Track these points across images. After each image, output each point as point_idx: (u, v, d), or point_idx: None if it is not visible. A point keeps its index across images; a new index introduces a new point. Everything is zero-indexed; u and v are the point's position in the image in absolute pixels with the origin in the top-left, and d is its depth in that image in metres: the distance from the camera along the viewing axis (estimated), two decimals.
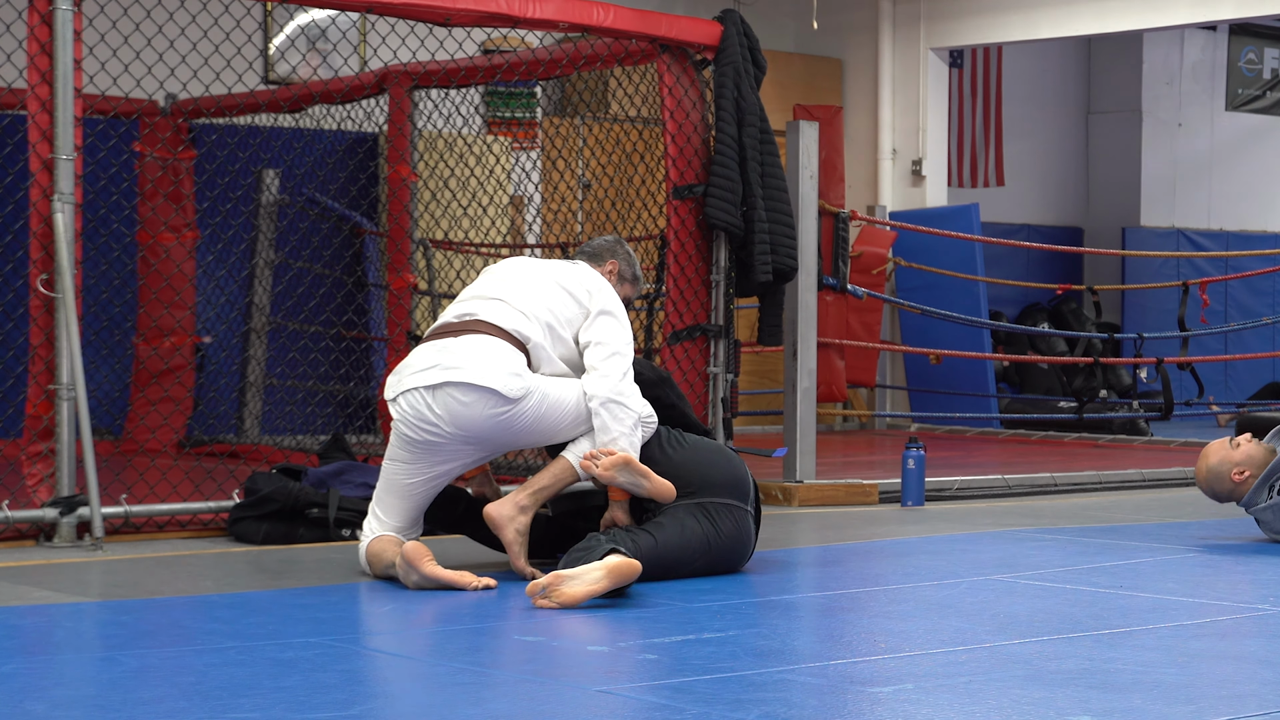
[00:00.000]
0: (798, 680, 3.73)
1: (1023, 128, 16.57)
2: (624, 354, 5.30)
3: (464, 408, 5.08)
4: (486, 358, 5.12)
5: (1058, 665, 3.90)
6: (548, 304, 5.32)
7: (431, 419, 5.11)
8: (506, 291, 5.34)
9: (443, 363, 5.13)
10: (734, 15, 7.52)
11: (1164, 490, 8.86)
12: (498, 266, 5.55)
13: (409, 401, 5.14)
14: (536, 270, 5.47)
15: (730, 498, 5.33)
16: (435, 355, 5.17)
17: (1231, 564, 5.91)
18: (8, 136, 8.09)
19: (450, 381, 5.08)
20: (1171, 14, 13.20)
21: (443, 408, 5.09)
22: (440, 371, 5.11)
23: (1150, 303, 16.46)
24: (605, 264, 5.65)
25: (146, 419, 9.29)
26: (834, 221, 11.19)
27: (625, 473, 5.13)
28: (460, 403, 5.08)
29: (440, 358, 5.15)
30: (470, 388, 5.08)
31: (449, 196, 10.01)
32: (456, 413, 5.09)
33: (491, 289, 5.37)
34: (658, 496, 5.20)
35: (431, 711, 3.39)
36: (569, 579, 4.68)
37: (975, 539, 6.56)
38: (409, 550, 5.00)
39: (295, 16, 11.62)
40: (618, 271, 5.67)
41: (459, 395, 5.08)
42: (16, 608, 4.64)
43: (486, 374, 5.08)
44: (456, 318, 5.29)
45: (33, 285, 6.01)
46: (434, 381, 5.10)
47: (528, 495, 5.23)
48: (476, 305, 5.31)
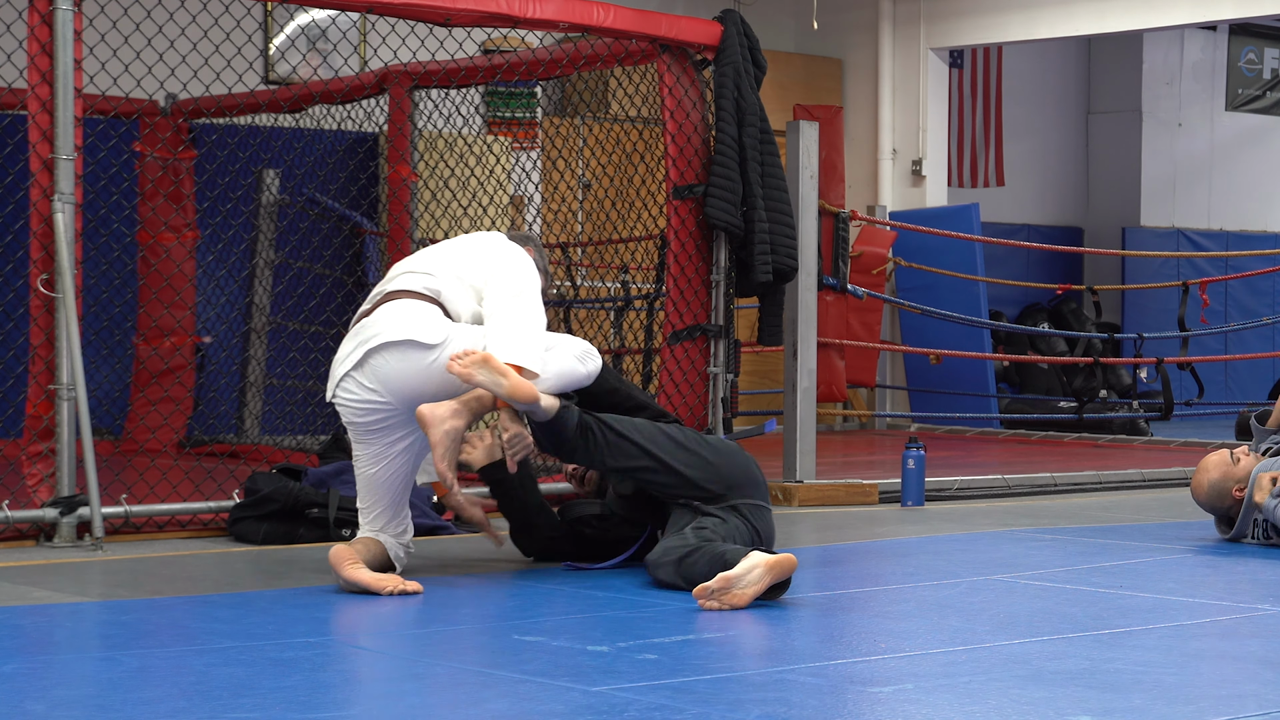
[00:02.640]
0: (798, 680, 3.73)
1: (1023, 128, 16.57)
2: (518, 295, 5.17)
3: (393, 369, 5.06)
4: (400, 316, 5.11)
5: (1058, 665, 3.91)
6: (454, 261, 5.29)
7: (369, 395, 5.10)
8: (411, 264, 5.36)
9: (361, 339, 5.13)
10: (734, 15, 7.52)
11: (1164, 490, 8.86)
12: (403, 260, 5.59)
13: (345, 390, 5.14)
14: (442, 243, 5.50)
15: (757, 497, 5.33)
16: (353, 339, 5.17)
17: (1231, 564, 5.91)
18: (8, 136, 8.09)
19: (370, 349, 5.08)
20: (1171, 14, 13.21)
21: (373, 379, 5.08)
22: (360, 348, 5.11)
23: (1150, 303, 16.46)
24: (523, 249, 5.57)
25: (146, 419, 9.29)
26: (834, 221, 11.20)
27: (484, 370, 4.98)
28: (388, 365, 5.06)
29: (358, 337, 5.15)
30: (391, 346, 5.06)
31: (449, 196, 10.01)
32: (387, 377, 5.07)
33: (395, 269, 5.40)
34: (517, 396, 4.99)
35: (431, 711, 3.39)
36: (738, 580, 4.61)
37: (975, 539, 6.56)
38: (332, 554, 4.99)
39: (295, 16, 11.62)
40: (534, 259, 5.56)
41: (384, 359, 5.06)
42: (16, 608, 4.64)
43: (402, 329, 5.06)
44: (369, 304, 5.29)
45: (33, 285, 6.01)
46: (358, 359, 5.10)
47: (463, 402, 5.03)
48: (383, 286, 5.32)
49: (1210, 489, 6.41)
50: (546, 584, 5.15)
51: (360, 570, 4.94)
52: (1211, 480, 6.40)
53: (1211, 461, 6.43)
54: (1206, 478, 6.41)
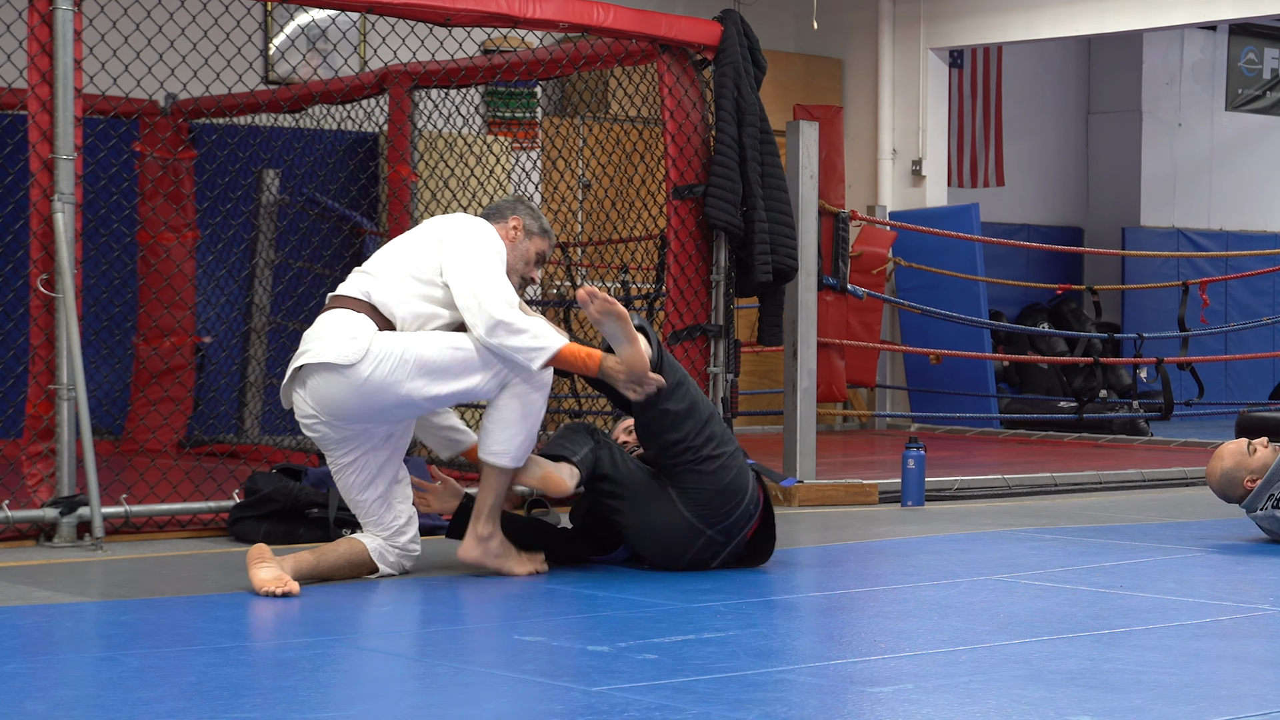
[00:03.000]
0: (798, 680, 3.73)
1: (1023, 128, 16.57)
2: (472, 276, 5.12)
3: (323, 390, 5.04)
4: (325, 332, 5.08)
5: (1058, 665, 3.91)
6: (401, 257, 5.22)
7: (310, 412, 5.09)
8: (366, 264, 5.31)
9: (299, 350, 5.12)
10: (734, 15, 7.52)
11: (1164, 490, 8.86)
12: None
13: (295, 404, 5.14)
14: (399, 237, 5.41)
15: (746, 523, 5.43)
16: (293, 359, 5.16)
17: (1231, 564, 5.91)
18: (8, 136, 8.09)
19: (295, 369, 5.08)
20: (1171, 14, 13.21)
21: (311, 396, 5.07)
22: (292, 364, 5.11)
23: (1150, 303, 16.46)
24: (508, 221, 5.46)
25: (146, 419, 9.29)
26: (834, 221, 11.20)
27: (614, 324, 5.03)
28: (318, 387, 5.05)
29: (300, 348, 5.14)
30: (313, 369, 5.05)
31: (449, 196, 10.01)
32: (320, 396, 5.05)
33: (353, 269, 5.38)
34: (634, 364, 5.10)
35: (431, 711, 3.39)
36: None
37: (975, 539, 6.56)
38: (249, 552, 4.98)
39: (295, 16, 11.62)
40: (522, 226, 5.46)
41: (315, 380, 5.05)
42: (16, 608, 4.64)
43: (321, 349, 5.04)
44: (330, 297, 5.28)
45: (33, 285, 6.01)
46: (289, 378, 5.11)
47: (483, 522, 5.19)
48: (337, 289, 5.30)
49: (1223, 477, 6.45)
50: (546, 584, 5.15)
51: (256, 568, 4.90)
52: (1225, 469, 6.43)
53: (1228, 450, 6.46)
54: (1220, 465, 6.45)
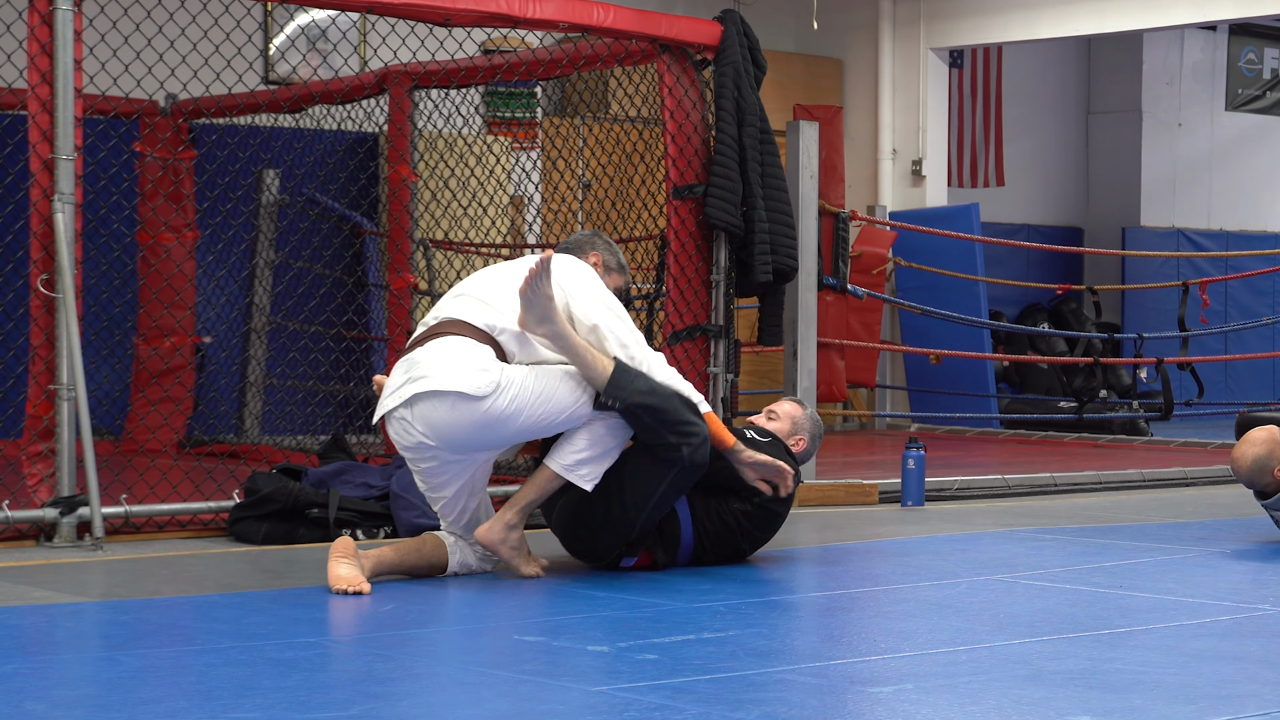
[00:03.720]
0: (798, 680, 3.73)
1: (1023, 128, 16.57)
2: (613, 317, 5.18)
3: (441, 418, 4.99)
4: (450, 360, 5.02)
5: (1058, 665, 3.91)
6: (514, 296, 5.14)
7: (419, 438, 5.04)
8: (474, 287, 5.25)
9: (411, 375, 5.05)
10: (734, 15, 7.52)
11: (1164, 490, 8.86)
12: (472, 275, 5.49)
13: (393, 428, 5.10)
14: (508, 265, 5.37)
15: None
16: (404, 371, 5.10)
17: (1231, 564, 5.91)
18: (8, 136, 8.09)
19: (419, 394, 5.00)
20: (1171, 14, 13.21)
21: (423, 423, 5.01)
22: (409, 386, 5.03)
23: (1150, 303, 16.46)
24: (588, 256, 5.53)
25: (146, 419, 9.29)
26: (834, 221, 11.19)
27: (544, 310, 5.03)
28: (436, 413, 4.99)
29: (409, 372, 5.07)
30: (438, 395, 4.98)
31: (449, 196, 10.01)
32: (436, 424, 5.00)
33: (459, 289, 5.31)
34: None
35: (431, 711, 3.39)
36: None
37: (975, 539, 6.56)
38: (334, 545, 4.98)
39: (295, 16, 11.62)
40: (601, 263, 5.54)
41: (432, 407, 4.99)
42: (16, 608, 4.64)
43: (450, 377, 4.98)
44: (426, 326, 5.21)
45: (33, 285, 6.01)
46: (405, 398, 5.03)
47: (515, 513, 5.18)
48: (444, 307, 5.23)
49: (1254, 463, 6.18)
50: (546, 584, 5.15)
51: (336, 563, 4.91)
52: (1256, 455, 6.17)
53: (1259, 436, 6.20)
54: (1252, 450, 6.18)
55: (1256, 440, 6.20)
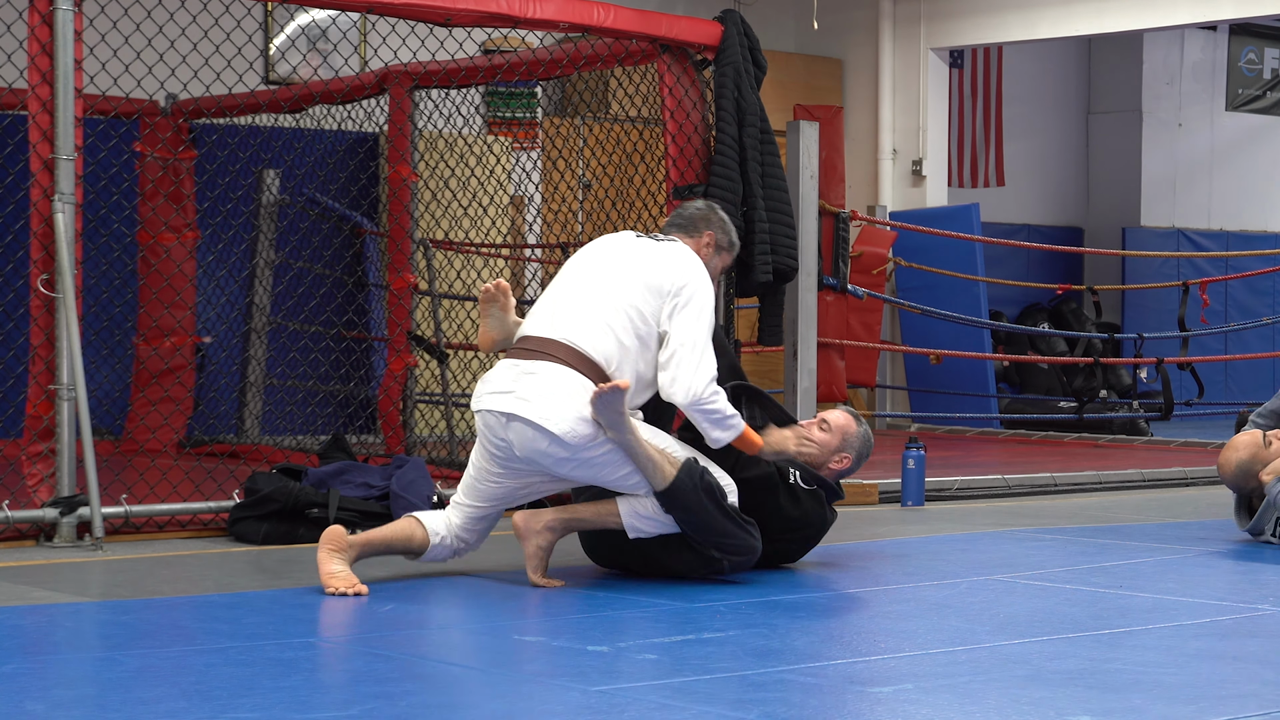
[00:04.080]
0: (798, 680, 3.73)
1: (1023, 128, 16.57)
2: (693, 346, 5.07)
3: (531, 442, 5.00)
4: (560, 397, 4.98)
5: (1058, 665, 3.91)
6: (632, 308, 5.10)
7: (503, 444, 5.05)
8: (591, 295, 5.15)
9: (518, 391, 5.02)
10: (734, 15, 7.52)
11: (1164, 490, 8.86)
12: (588, 255, 5.33)
13: (485, 421, 5.09)
14: (624, 266, 5.20)
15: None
16: (513, 379, 5.06)
17: (1231, 564, 5.91)
18: (8, 136, 8.09)
19: (519, 416, 4.99)
20: (1171, 14, 13.21)
21: (515, 435, 5.01)
22: (514, 400, 5.01)
23: (1150, 303, 16.46)
24: (701, 235, 5.44)
25: (146, 419, 9.29)
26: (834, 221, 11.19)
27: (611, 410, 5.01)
28: (529, 437, 4.99)
29: (517, 384, 5.04)
30: (538, 427, 4.97)
31: (449, 196, 10.01)
32: (524, 445, 5.01)
33: (577, 289, 5.19)
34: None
35: (431, 711, 3.39)
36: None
37: (975, 539, 6.56)
38: (325, 533, 4.98)
39: (295, 16, 11.62)
40: (714, 242, 5.46)
41: (527, 430, 4.99)
42: (16, 608, 4.64)
43: (555, 418, 4.96)
44: (539, 333, 5.12)
45: (33, 285, 6.01)
46: (507, 410, 5.01)
47: (560, 519, 5.16)
48: (560, 314, 5.14)
49: (1237, 468, 6.28)
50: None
51: (328, 560, 4.91)
52: (1240, 460, 6.27)
53: (1242, 441, 6.30)
54: (1235, 456, 6.28)
55: (1239, 445, 6.30)
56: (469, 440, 9.16)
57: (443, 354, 8.85)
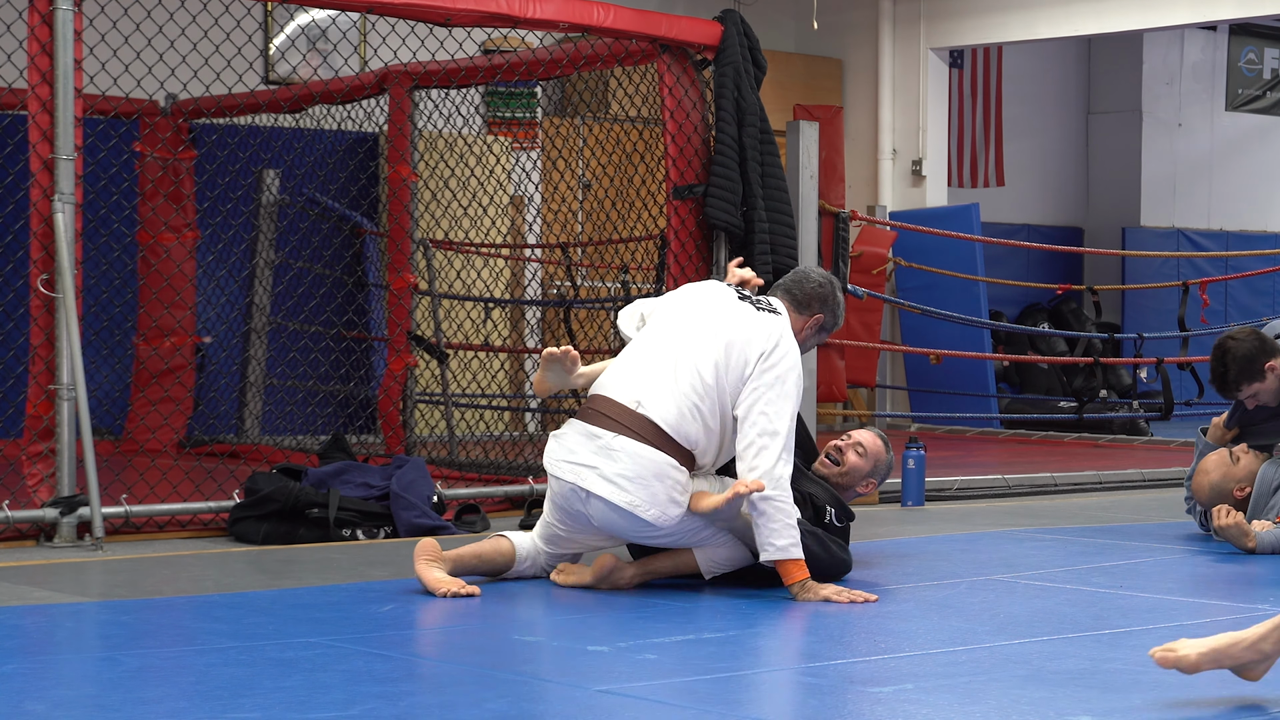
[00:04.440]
0: (798, 680, 3.73)
1: (1023, 128, 16.57)
2: (779, 434, 4.88)
3: (610, 517, 4.92)
4: (645, 479, 4.87)
5: (1058, 665, 3.90)
6: (717, 379, 4.92)
7: (580, 515, 4.97)
8: (676, 362, 4.97)
9: (601, 469, 4.90)
10: (734, 15, 7.53)
11: (1164, 490, 8.85)
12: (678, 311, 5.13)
13: (557, 486, 4.98)
14: (716, 330, 5.00)
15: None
16: (593, 453, 4.92)
17: (1231, 564, 5.91)
18: (8, 136, 8.10)
19: (603, 498, 4.89)
20: (1171, 14, 13.21)
21: (595, 510, 4.93)
22: (597, 480, 4.89)
23: (1150, 303, 16.46)
24: (812, 315, 5.24)
25: (146, 419, 9.29)
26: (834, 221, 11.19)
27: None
28: (611, 518, 4.92)
29: (598, 461, 4.91)
30: (624, 512, 4.88)
31: (449, 196, 10.01)
32: (606, 521, 4.94)
33: (661, 352, 5.02)
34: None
35: (431, 711, 3.39)
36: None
37: (975, 539, 6.56)
38: (419, 545, 4.97)
39: (295, 16, 11.62)
40: (821, 326, 5.27)
41: (611, 512, 4.90)
42: (16, 608, 4.64)
43: (643, 504, 4.86)
44: (619, 399, 4.96)
45: (33, 285, 6.01)
46: (588, 487, 4.90)
47: (640, 575, 5.06)
48: (641, 380, 4.97)
49: (1212, 491, 6.45)
50: (546, 584, 5.14)
51: (428, 569, 4.90)
52: (1213, 482, 6.44)
53: (1211, 463, 6.47)
54: (1207, 480, 6.46)
55: (1209, 468, 6.47)
56: (469, 440, 9.18)
57: (443, 354, 8.86)
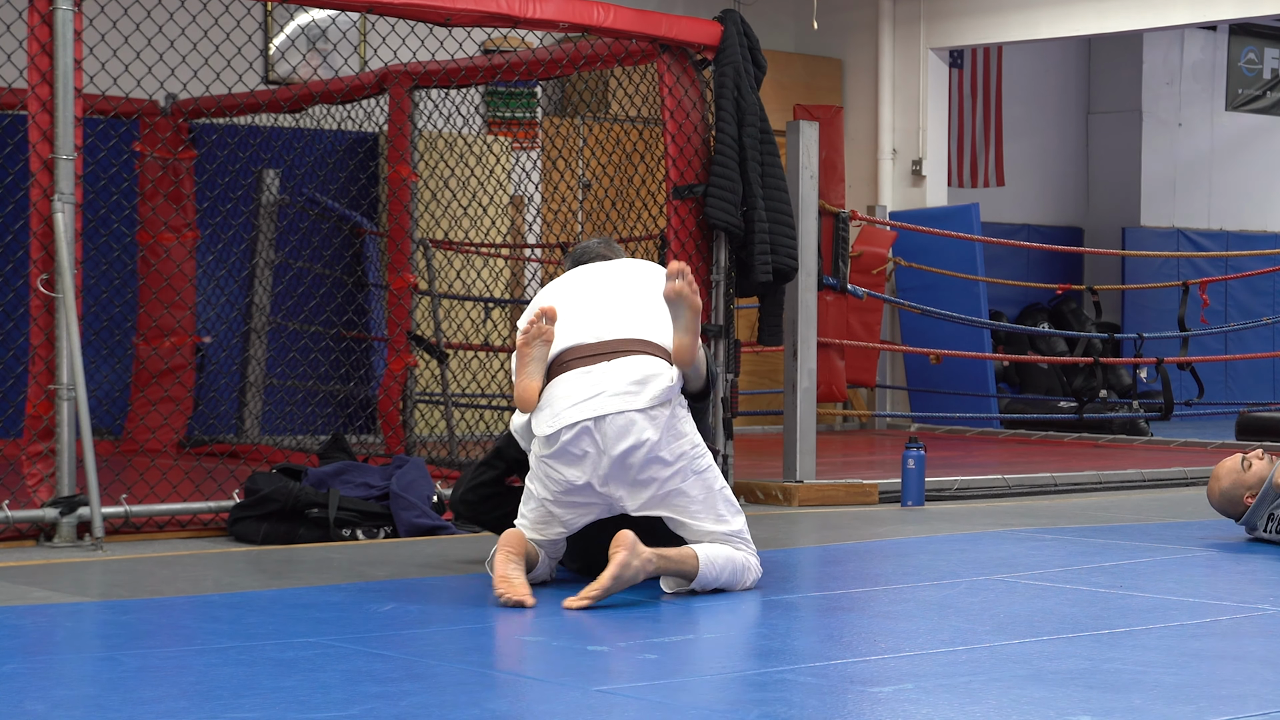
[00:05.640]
0: (798, 680, 3.73)
1: (1023, 128, 16.57)
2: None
3: (627, 438, 4.77)
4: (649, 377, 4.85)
5: (1058, 665, 3.90)
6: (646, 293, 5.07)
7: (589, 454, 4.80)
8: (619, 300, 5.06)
9: (607, 390, 4.80)
10: (734, 15, 7.53)
11: (1164, 490, 8.86)
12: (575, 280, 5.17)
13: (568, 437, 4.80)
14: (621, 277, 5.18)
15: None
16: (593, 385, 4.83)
17: (1231, 564, 5.91)
18: (8, 136, 8.10)
19: (615, 411, 4.77)
20: (1171, 14, 13.21)
21: (610, 434, 4.78)
22: (606, 400, 4.79)
23: (1150, 303, 16.46)
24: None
25: (146, 419, 9.29)
26: (834, 221, 11.20)
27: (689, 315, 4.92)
28: (624, 431, 4.77)
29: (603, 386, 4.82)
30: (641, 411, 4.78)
31: (449, 196, 10.01)
32: (619, 442, 4.77)
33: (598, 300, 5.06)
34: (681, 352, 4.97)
35: (431, 711, 3.39)
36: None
37: (975, 539, 6.56)
38: (506, 534, 4.82)
39: (295, 16, 11.62)
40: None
41: (625, 424, 4.76)
42: (16, 608, 4.64)
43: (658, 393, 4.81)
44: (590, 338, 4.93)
45: (33, 285, 6.02)
46: (602, 410, 4.77)
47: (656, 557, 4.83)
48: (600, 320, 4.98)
49: (1222, 497, 6.49)
50: (546, 584, 5.14)
51: (507, 563, 4.74)
52: (1223, 489, 6.47)
53: (1224, 469, 6.49)
54: (1218, 485, 6.49)
55: (1221, 475, 6.49)
56: (469, 440, 9.17)
57: (443, 354, 8.86)
